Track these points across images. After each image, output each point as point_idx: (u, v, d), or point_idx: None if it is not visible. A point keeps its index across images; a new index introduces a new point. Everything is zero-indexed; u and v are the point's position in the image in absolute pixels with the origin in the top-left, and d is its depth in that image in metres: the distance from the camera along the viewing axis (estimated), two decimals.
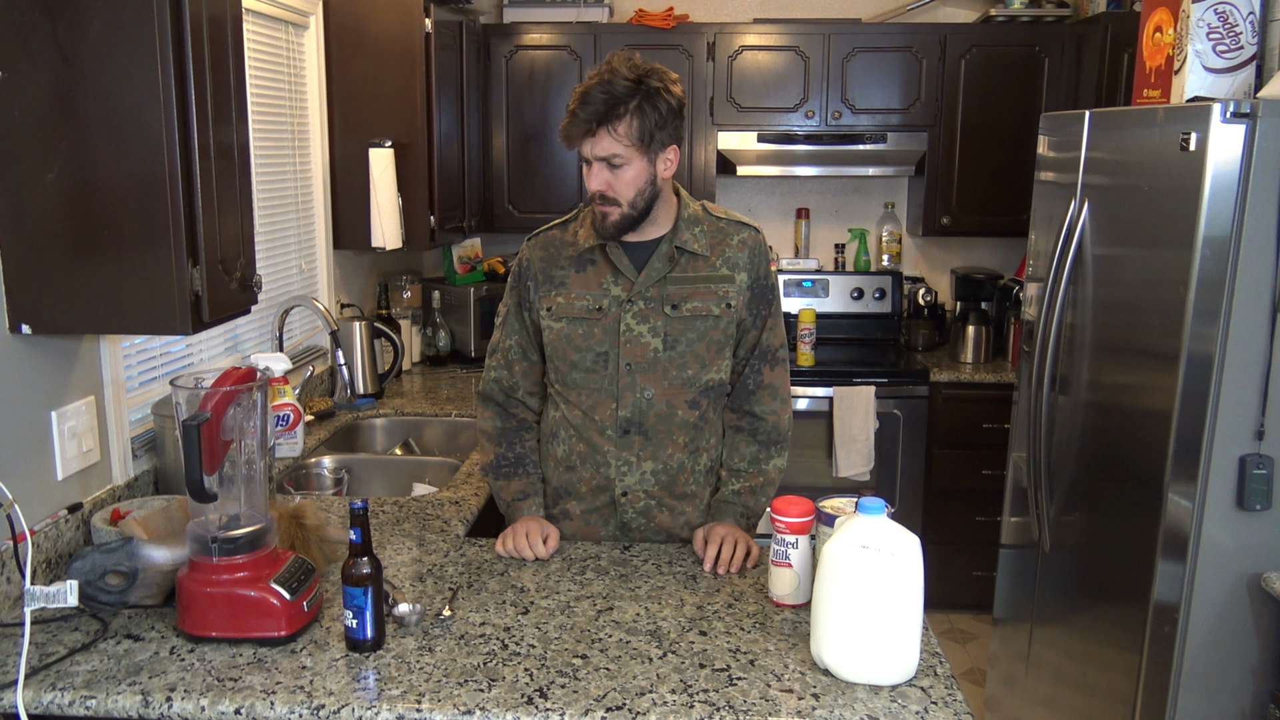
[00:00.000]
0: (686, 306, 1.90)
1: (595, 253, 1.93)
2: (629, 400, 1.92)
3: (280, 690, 1.43)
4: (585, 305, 1.92)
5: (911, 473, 3.79)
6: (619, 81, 1.76)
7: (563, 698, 1.41)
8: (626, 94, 1.76)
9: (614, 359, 1.92)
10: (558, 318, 1.94)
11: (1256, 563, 2.07)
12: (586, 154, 1.81)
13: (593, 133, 1.77)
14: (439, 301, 3.83)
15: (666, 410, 1.93)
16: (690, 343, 1.92)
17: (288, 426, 2.58)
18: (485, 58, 3.86)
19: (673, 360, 1.92)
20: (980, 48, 3.81)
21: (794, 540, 1.66)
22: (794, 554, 1.66)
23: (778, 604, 1.70)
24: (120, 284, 1.66)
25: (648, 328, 1.90)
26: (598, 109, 1.76)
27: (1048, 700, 2.66)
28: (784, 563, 1.68)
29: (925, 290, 4.07)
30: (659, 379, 1.92)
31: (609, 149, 1.78)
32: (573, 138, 1.81)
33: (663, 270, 1.90)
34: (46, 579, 1.75)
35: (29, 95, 1.60)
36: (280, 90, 2.92)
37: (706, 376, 1.94)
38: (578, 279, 1.93)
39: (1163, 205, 2.12)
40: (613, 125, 1.76)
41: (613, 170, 1.80)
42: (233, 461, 1.61)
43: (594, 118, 1.76)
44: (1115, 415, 2.33)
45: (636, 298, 1.90)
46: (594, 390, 1.94)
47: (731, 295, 1.92)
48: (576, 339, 1.93)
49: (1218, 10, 2.24)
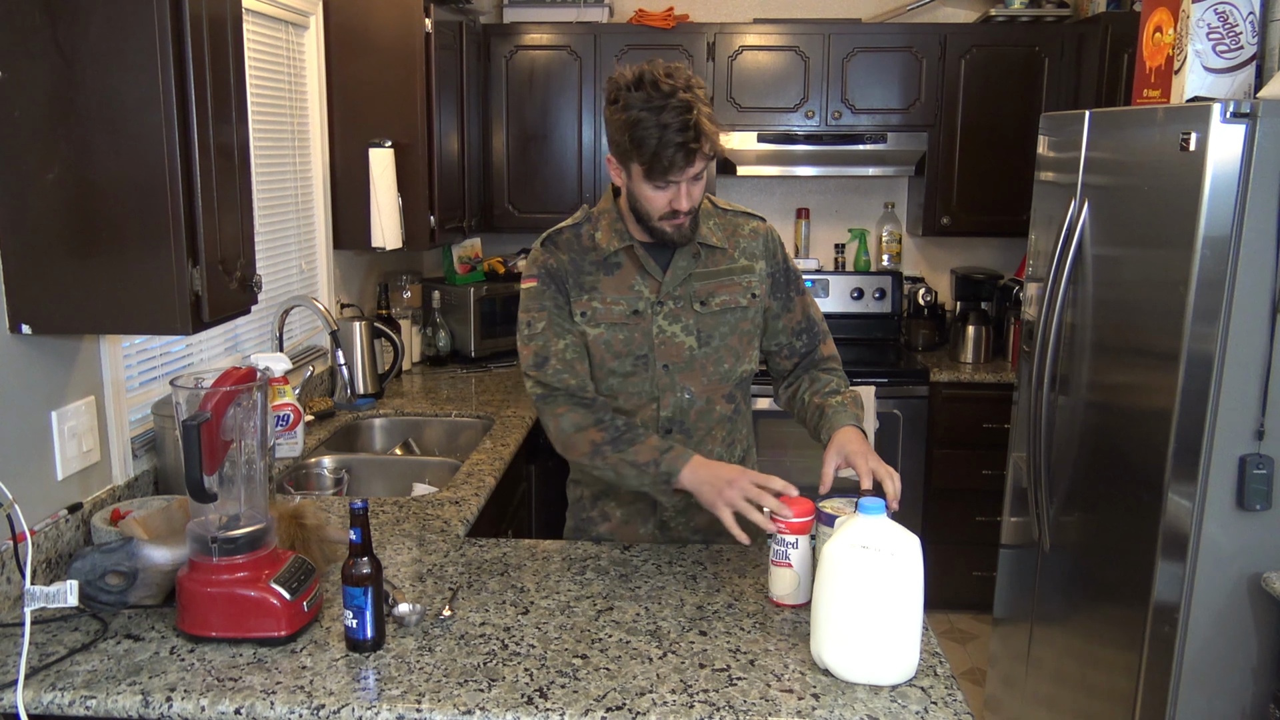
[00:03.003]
0: (715, 301, 1.90)
1: (620, 255, 1.90)
2: (669, 400, 1.92)
3: (280, 690, 1.43)
4: (622, 309, 1.89)
5: (911, 473, 3.79)
6: (682, 97, 1.69)
7: (563, 698, 1.41)
8: (696, 107, 1.70)
9: (652, 361, 1.90)
10: (595, 323, 1.89)
11: (1256, 563, 2.07)
12: (676, 178, 1.74)
13: (692, 161, 1.72)
14: (439, 301, 3.83)
15: (706, 407, 1.94)
16: (724, 337, 1.92)
17: (288, 426, 2.58)
18: (485, 58, 3.86)
19: (709, 356, 1.92)
20: (980, 48, 3.81)
21: (794, 540, 1.66)
22: (794, 554, 1.66)
23: (777, 604, 1.70)
24: (120, 284, 1.66)
25: (680, 327, 1.90)
26: (689, 135, 1.69)
27: (1048, 700, 2.66)
28: (784, 563, 1.67)
29: (925, 290, 4.08)
30: (697, 376, 1.92)
31: (698, 167, 1.75)
32: (676, 171, 1.72)
33: (688, 268, 1.89)
34: (46, 579, 1.75)
35: (29, 95, 1.60)
36: (280, 90, 2.92)
37: (741, 368, 1.96)
38: (608, 282, 1.90)
39: (1163, 205, 2.12)
40: (701, 141, 1.72)
41: (695, 183, 1.77)
42: (233, 461, 1.61)
43: (691, 143, 1.70)
44: (1115, 415, 2.33)
45: (665, 298, 1.89)
46: (633, 394, 1.92)
47: (755, 284, 1.93)
48: (616, 344, 1.90)
49: (1218, 10, 2.24)
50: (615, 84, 1.75)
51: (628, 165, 1.76)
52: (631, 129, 1.70)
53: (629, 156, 1.74)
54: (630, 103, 1.70)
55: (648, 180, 1.75)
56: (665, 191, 1.76)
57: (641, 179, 1.75)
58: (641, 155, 1.71)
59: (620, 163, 1.79)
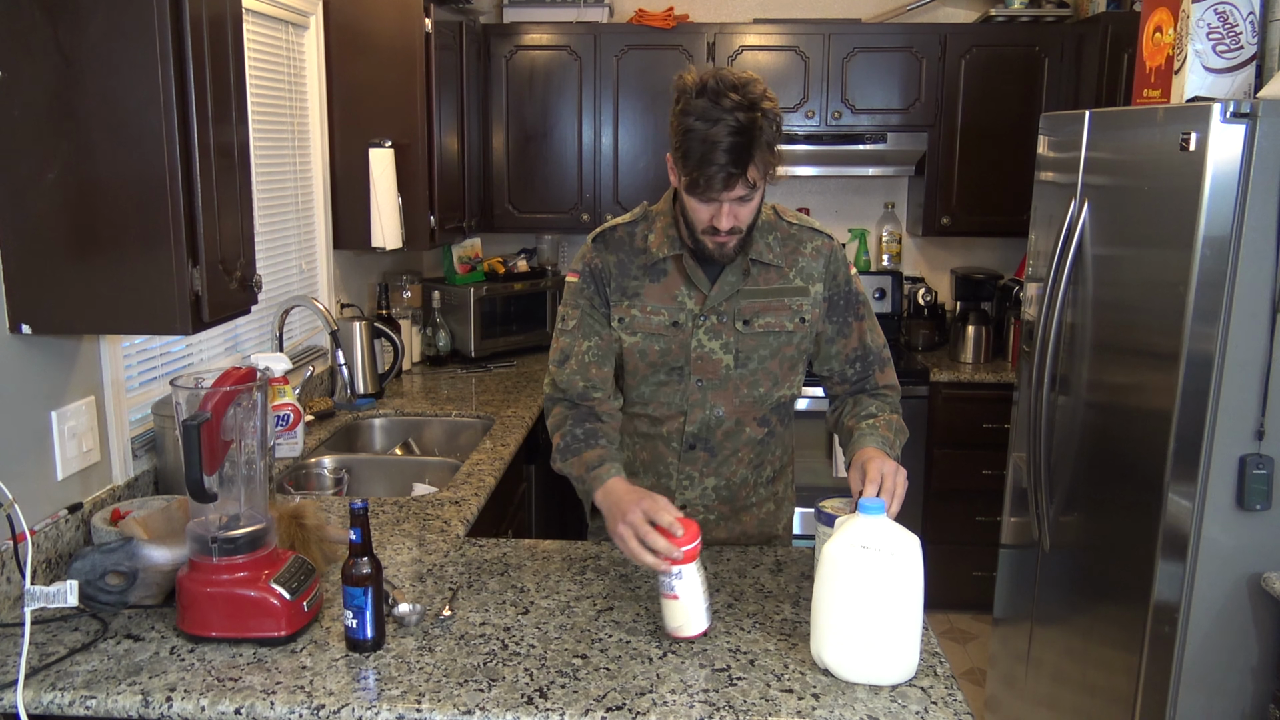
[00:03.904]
0: (759, 323, 1.83)
1: (668, 262, 1.84)
2: (698, 416, 1.87)
3: (280, 690, 1.43)
4: (661, 320, 1.83)
5: (911, 473, 3.74)
6: (739, 116, 1.59)
7: (563, 698, 1.41)
8: (752, 130, 1.60)
9: (686, 375, 1.85)
10: (632, 331, 1.85)
11: (1256, 563, 2.07)
12: (715, 197, 1.67)
13: (732, 186, 1.64)
14: (439, 301, 3.83)
15: (735, 428, 1.89)
16: (763, 360, 1.85)
17: (288, 426, 2.58)
18: (485, 58, 3.86)
19: (744, 378, 1.86)
20: (980, 48, 3.81)
21: (678, 571, 1.53)
22: (679, 584, 1.54)
23: (674, 637, 1.58)
24: (120, 284, 1.66)
25: (719, 344, 1.83)
26: (735, 158, 1.60)
27: (1048, 700, 2.66)
28: (670, 594, 1.55)
29: (925, 290, 4.08)
30: (729, 396, 1.86)
31: (743, 190, 1.65)
32: (714, 191, 1.65)
33: (736, 284, 1.82)
34: (46, 579, 1.75)
35: (29, 95, 1.60)
36: (280, 90, 2.92)
37: (779, 394, 1.89)
38: (652, 290, 1.84)
39: (1163, 205, 2.12)
40: (747, 168, 1.62)
41: (741, 204, 1.69)
42: (233, 461, 1.61)
43: (733, 165, 1.61)
44: (1115, 415, 2.33)
45: (709, 313, 1.82)
46: (664, 404, 1.89)
47: (806, 309, 1.85)
48: (652, 354, 1.85)
49: (1218, 10, 2.24)
50: (683, 84, 1.66)
51: (678, 170, 1.69)
52: (683, 136, 1.63)
53: (678, 162, 1.67)
54: (689, 109, 1.62)
55: (688, 192, 1.69)
56: (708, 206, 1.69)
57: (685, 189, 1.69)
58: (686, 166, 1.64)
59: (674, 164, 1.71)
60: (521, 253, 4.19)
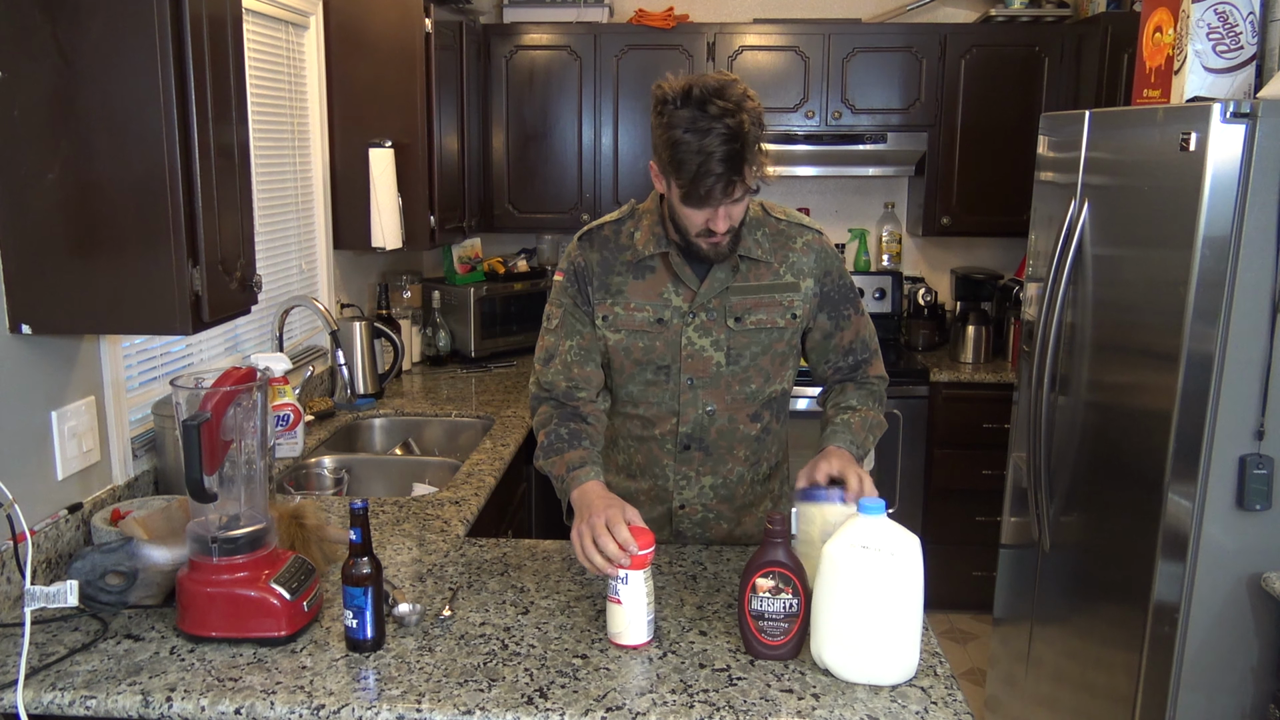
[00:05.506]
0: (750, 319, 1.83)
1: (655, 260, 1.83)
2: (690, 416, 1.87)
3: (280, 690, 1.43)
4: (645, 317, 1.83)
5: (911, 473, 3.79)
6: (728, 123, 1.58)
7: (563, 698, 1.41)
8: (743, 135, 1.60)
9: (675, 373, 1.84)
10: (616, 329, 1.84)
11: (1256, 563, 2.07)
12: (713, 205, 1.67)
13: (731, 193, 1.65)
14: (439, 301, 3.83)
15: (728, 425, 1.88)
16: (754, 356, 1.85)
17: (288, 426, 2.58)
18: (485, 58, 3.86)
19: (736, 375, 1.85)
20: (980, 48, 3.81)
21: (624, 575, 1.52)
22: (624, 590, 1.52)
23: (615, 645, 1.56)
24: (120, 284, 1.66)
25: (710, 341, 1.83)
26: (731, 166, 1.60)
27: (1048, 700, 2.66)
28: (614, 598, 1.54)
29: (925, 290, 4.08)
30: (721, 394, 1.86)
31: (740, 192, 1.66)
32: (714, 200, 1.65)
33: (725, 280, 1.81)
34: (46, 579, 1.75)
35: (29, 95, 1.60)
36: (280, 90, 2.92)
37: (770, 389, 1.89)
38: (636, 287, 1.83)
39: (1163, 205, 2.12)
40: (743, 172, 1.63)
41: (736, 204, 1.69)
42: (233, 461, 1.61)
43: (733, 174, 1.61)
44: (1115, 415, 2.33)
45: (698, 310, 1.82)
46: (654, 404, 1.88)
47: (797, 305, 1.85)
48: (636, 352, 1.85)
49: (1218, 10, 2.24)
50: (662, 94, 1.63)
51: (667, 180, 1.69)
52: (673, 149, 1.61)
53: (669, 173, 1.66)
54: (675, 120, 1.60)
55: (684, 203, 1.68)
56: (703, 212, 1.68)
57: (679, 200, 1.69)
58: (680, 178, 1.63)
59: (661, 174, 1.71)
60: (521, 253, 4.19)
